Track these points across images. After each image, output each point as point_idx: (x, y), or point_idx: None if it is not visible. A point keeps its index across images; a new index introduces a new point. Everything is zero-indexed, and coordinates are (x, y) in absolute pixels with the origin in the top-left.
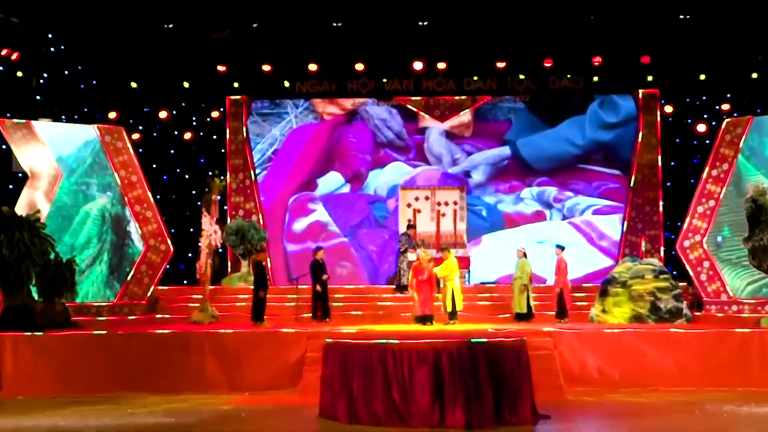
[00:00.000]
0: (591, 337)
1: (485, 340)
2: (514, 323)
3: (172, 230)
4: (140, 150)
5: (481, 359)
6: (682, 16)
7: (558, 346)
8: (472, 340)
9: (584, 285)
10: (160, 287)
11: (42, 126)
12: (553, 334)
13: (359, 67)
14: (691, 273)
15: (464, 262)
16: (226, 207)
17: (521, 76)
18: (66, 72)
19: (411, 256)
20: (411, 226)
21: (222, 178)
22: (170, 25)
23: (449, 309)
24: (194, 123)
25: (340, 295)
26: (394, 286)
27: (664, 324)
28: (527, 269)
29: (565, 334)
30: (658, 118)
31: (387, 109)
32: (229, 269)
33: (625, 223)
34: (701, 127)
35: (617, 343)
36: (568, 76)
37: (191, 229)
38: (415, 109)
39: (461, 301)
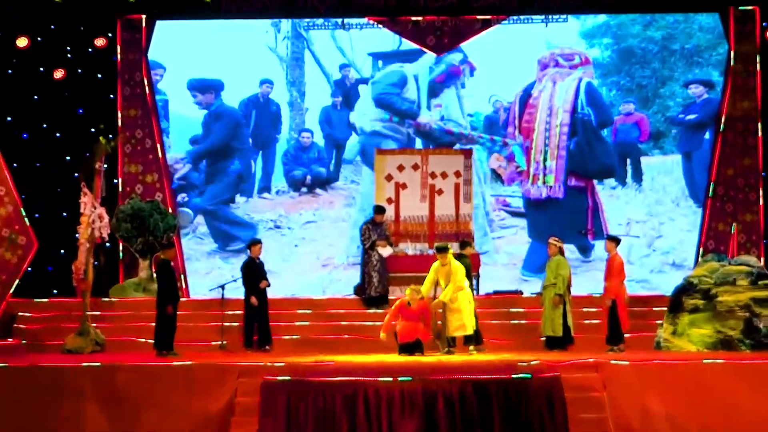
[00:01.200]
0: (657, 372)
1: (501, 377)
2: (544, 352)
3: (36, 215)
4: None
5: (494, 405)
6: None
7: (609, 385)
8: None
9: (646, 295)
10: (17, 299)
11: None
12: (603, 367)
13: None
14: None
15: (473, 259)
16: (116, 180)
17: None
18: None
19: (383, 251)
20: (380, 209)
21: (111, 137)
22: None
23: (470, 330)
24: (69, 55)
25: (287, 311)
26: (364, 298)
27: (765, 352)
28: (564, 272)
29: (620, 368)
30: (758, 48)
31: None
32: (122, 273)
33: (708, 202)
34: None
35: (696, 380)
36: None
37: (64, 214)
38: (398, 36)
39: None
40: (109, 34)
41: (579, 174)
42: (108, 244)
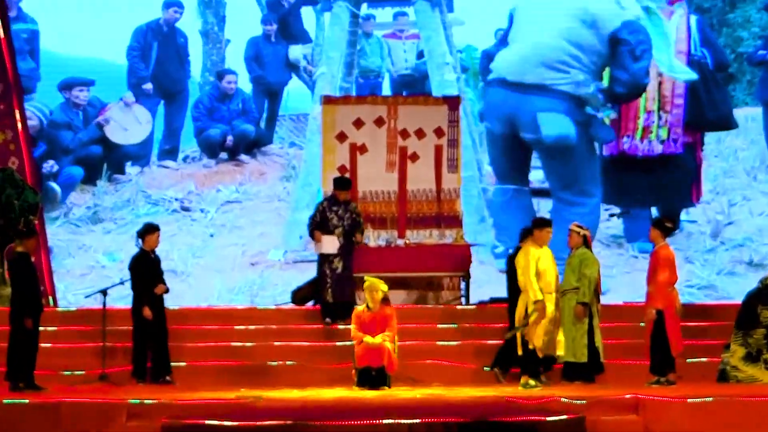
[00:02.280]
0: (722, 413)
1: (499, 420)
2: (562, 384)
3: None
4: None
5: None
6: None
7: (653, 429)
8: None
9: (708, 304)
10: None
11: None
12: (645, 405)
13: None
14: None
15: (461, 254)
16: None
17: None
18: None
19: (318, 246)
20: (343, 182)
21: None
22: None
23: (560, 351)
24: None
25: (197, 327)
26: (312, 306)
27: None
28: (590, 272)
29: (669, 407)
30: None
31: None
32: None
33: None
34: None
35: None
36: None
37: None
38: None
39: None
40: None
41: (691, 126)
42: None
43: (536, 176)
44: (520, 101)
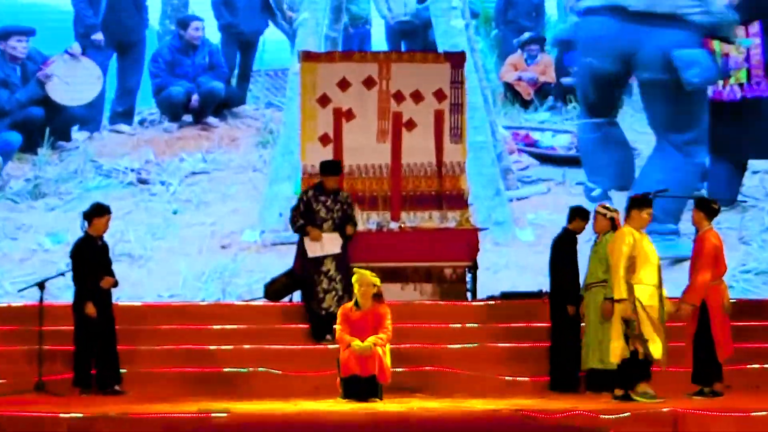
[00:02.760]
0: None
1: None
2: (587, 396)
3: None
4: None
5: None
6: None
7: None
8: None
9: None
10: None
11: None
12: (685, 421)
13: None
14: None
15: (467, 240)
16: None
17: None
18: None
19: (311, 246)
20: (331, 166)
21: None
22: None
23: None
24: None
25: (154, 327)
26: (289, 302)
27: None
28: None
29: (714, 421)
30: None
31: None
32: None
33: None
34: None
35: None
36: None
37: None
38: None
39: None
40: None
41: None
42: None
43: (561, 142)
44: (644, 35)
